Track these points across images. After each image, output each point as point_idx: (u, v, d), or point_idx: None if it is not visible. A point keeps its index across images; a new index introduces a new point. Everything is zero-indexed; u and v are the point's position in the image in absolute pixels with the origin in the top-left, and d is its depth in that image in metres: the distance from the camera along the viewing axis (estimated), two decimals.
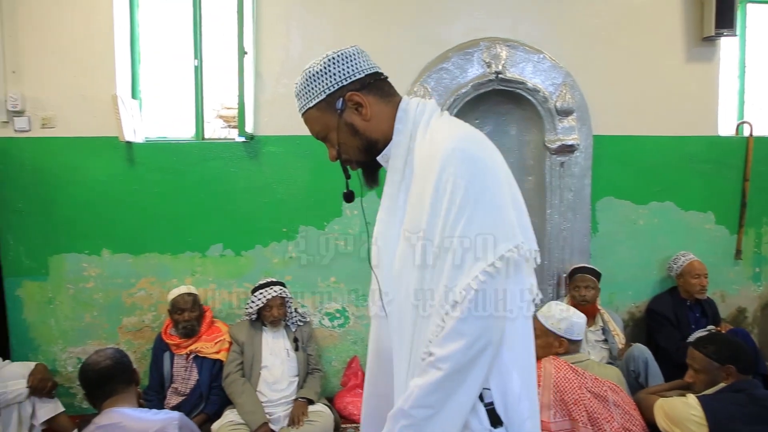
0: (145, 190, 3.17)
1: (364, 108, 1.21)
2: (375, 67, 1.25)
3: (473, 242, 1.07)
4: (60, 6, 3.13)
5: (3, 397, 2.67)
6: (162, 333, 2.98)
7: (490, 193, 1.08)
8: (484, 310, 1.05)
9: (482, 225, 1.07)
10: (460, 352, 1.04)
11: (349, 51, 1.23)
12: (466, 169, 1.08)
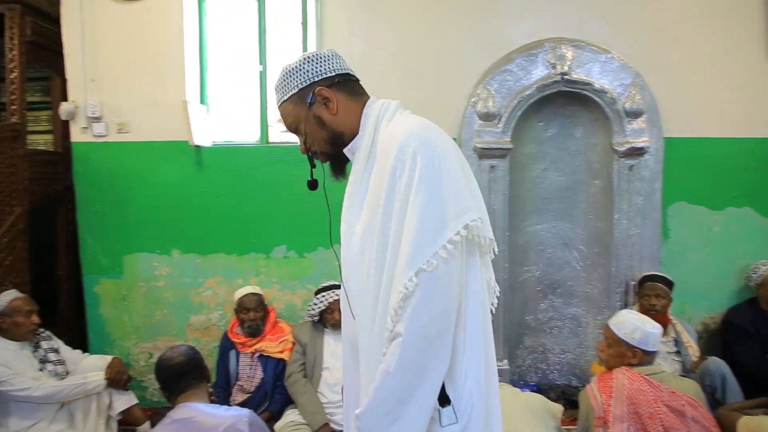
0: (212, 192, 3.28)
1: (332, 102, 1.30)
2: (347, 69, 1.34)
3: (430, 217, 1.10)
4: (135, 19, 3.28)
5: (83, 387, 2.82)
6: (228, 331, 3.07)
7: (446, 173, 1.13)
8: (441, 287, 1.09)
9: (441, 197, 1.11)
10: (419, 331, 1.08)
11: (325, 53, 1.33)
12: (423, 150, 1.14)
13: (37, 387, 2.74)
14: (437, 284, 1.09)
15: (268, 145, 3.39)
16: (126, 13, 3.27)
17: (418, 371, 1.10)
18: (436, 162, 1.13)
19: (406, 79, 3.25)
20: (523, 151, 3.38)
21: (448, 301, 1.10)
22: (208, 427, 1.94)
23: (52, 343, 3.02)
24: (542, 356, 3.52)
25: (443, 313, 1.10)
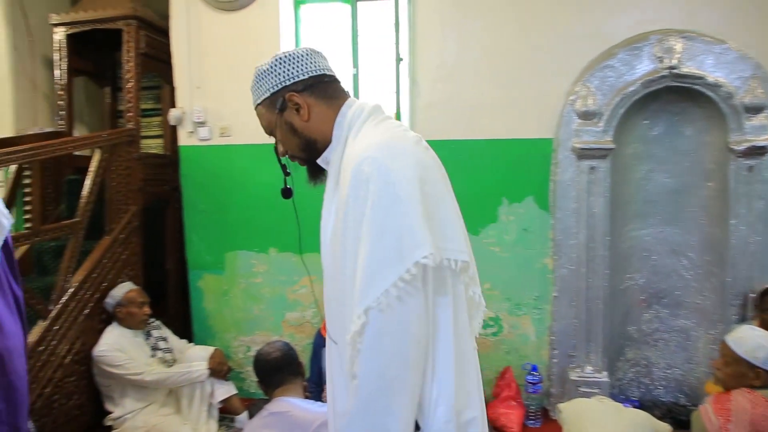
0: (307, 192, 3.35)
1: (303, 109, 1.25)
2: (323, 69, 1.28)
3: (381, 252, 1.04)
4: (236, 28, 3.43)
5: (188, 375, 3.00)
6: (321, 329, 3.14)
7: (401, 203, 1.05)
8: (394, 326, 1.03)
9: (393, 231, 1.04)
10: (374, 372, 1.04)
11: (299, 52, 1.27)
12: (377, 177, 1.06)
13: (148, 372, 2.94)
14: (389, 323, 1.03)
15: None
16: (228, 23, 3.44)
17: (381, 412, 1.05)
18: (390, 189, 1.06)
19: (500, 79, 3.17)
20: (625, 152, 3.19)
21: (402, 341, 1.04)
22: (303, 422, 1.99)
23: (161, 333, 3.24)
24: (645, 370, 3.30)
25: (398, 353, 1.04)
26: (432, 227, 1.08)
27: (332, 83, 1.30)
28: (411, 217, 1.05)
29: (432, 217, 1.10)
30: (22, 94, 3.86)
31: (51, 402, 2.84)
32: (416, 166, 1.11)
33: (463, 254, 1.14)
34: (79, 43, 3.81)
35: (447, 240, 1.12)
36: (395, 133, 1.19)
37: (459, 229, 1.16)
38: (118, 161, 3.34)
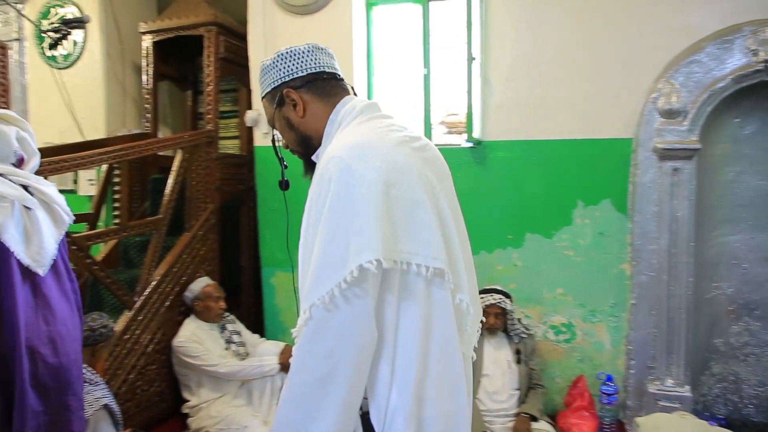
0: None
1: (298, 105, 1.28)
2: (323, 66, 1.29)
3: (330, 252, 1.05)
4: (309, 32, 3.48)
5: (260, 369, 3.08)
6: None
7: (358, 205, 1.05)
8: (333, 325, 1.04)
9: (346, 232, 1.04)
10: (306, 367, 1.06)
11: (300, 49, 1.29)
12: (338, 177, 1.07)
13: (223, 364, 3.05)
14: (330, 321, 1.04)
15: None
16: (301, 26, 3.51)
17: (310, 407, 1.06)
18: (349, 191, 1.05)
19: (577, 76, 3.06)
20: (713, 152, 2.99)
21: (342, 341, 1.04)
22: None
23: (235, 327, 3.35)
24: (734, 386, 3.07)
25: (335, 352, 1.04)
26: (397, 231, 1.08)
27: (331, 80, 1.31)
28: (364, 219, 1.04)
29: (400, 220, 1.09)
30: (113, 98, 4.13)
31: (134, 387, 3.01)
32: (384, 169, 1.09)
33: (436, 261, 1.10)
34: (164, 49, 4.02)
35: (418, 245, 1.10)
36: (377, 133, 1.19)
37: (437, 235, 1.12)
38: (198, 161, 3.49)
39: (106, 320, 2.53)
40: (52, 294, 1.74)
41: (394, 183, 1.09)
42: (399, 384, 1.11)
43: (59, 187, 4.00)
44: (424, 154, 1.23)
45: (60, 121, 4.04)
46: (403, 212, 1.09)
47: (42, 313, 1.70)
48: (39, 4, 4.22)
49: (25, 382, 1.61)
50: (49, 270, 1.72)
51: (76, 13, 4.05)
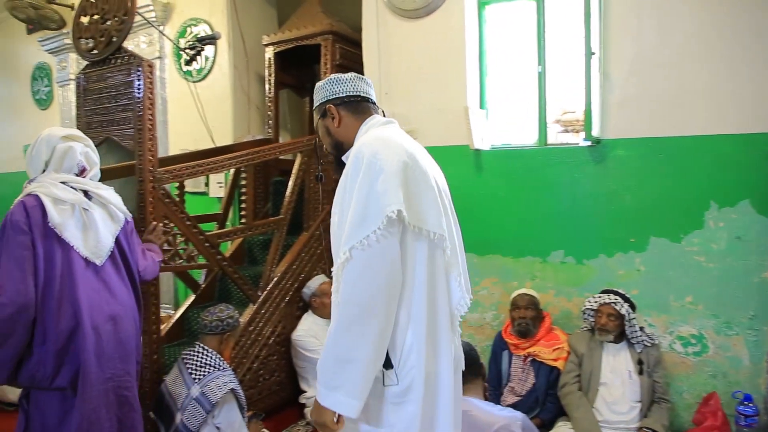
0: (491, 194, 3.35)
1: (336, 118, 1.66)
2: (358, 91, 1.66)
3: (365, 207, 1.36)
4: (421, 35, 3.53)
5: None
6: (502, 331, 3.10)
7: (383, 175, 1.37)
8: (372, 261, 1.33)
9: (375, 193, 1.36)
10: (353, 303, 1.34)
11: (344, 77, 1.68)
12: (369, 157, 1.41)
13: None
14: (368, 259, 1.33)
15: (547, 147, 3.30)
16: (414, 30, 3.56)
17: (356, 334, 1.33)
18: (377, 165, 1.39)
19: (708, 68, 2.80)
20: None
21: (378, 272, 1.34)
22: (483, 423, 1.98)
23: None
24: None
25: (374, 282, 1.33)
26: (412, 202, 1.41)
27: (363, 102, 1.68)
28: (388, 184, 1.37)
29: (414, 195, 1.42)
30: (239, 107, 4.44)
31: (257, 376, 3.23)
32: (404, 154, 1.45)
33: (440, 229, 1.46)
34: (284, 59, 4.27)
35: (427, 216, 1.45)
36: (396, 133, 1.58)
37: (441, 214, 1.47)
38: (315, 164, 3.66)
39: (232, 311, 2.74)
40: (111, 280, 2.08)
41: (410, 165, 1.45)
42: (414, 326, 1.43)
43: (193, 189, 4.40)
44: (427, 159, 1.59)
45: (194, 129, 4.42)
46: (416, 189, 1.44)
47: (103, 296, 2.04)
48: (177, 24, 4.65)
49: (89, 353, 1.95)
50: (107, 260, 2.07)
51: (208, 30, 4.42)
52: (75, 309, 1.94)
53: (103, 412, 1.99)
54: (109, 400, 2.03)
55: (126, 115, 2.66)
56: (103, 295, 2.04)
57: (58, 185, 2.00)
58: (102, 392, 2.00)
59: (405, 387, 1.42)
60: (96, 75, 2.79)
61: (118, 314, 2.06)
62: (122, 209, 2.17)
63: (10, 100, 6.57)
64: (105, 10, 2.70)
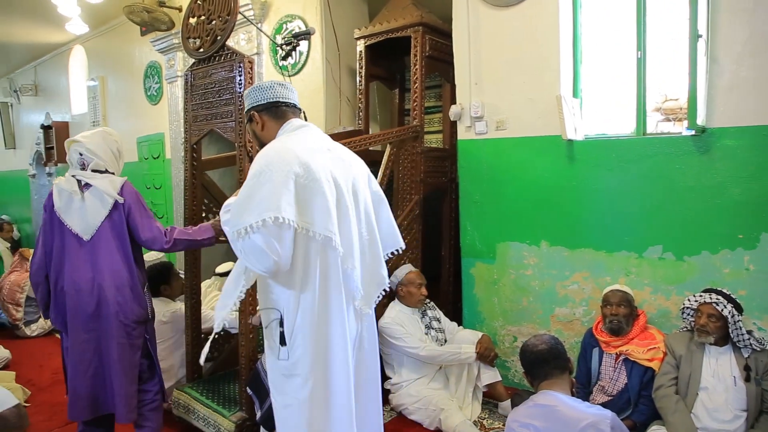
0: (583, 186, 3.24)
1: (259, 123, 1.92)
2: (278, 97, 1.90)
3: (246, 204, 1.64)
4: (512, 23, 3.45)
5: (457, 356, 3.18)
6: (593, 328, 3.01)
7: (266, 182, 1.63)
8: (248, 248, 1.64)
9: (252, 195, 1.64)
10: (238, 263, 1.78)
11: (265, 84, 1.92)
12: (258, 164, 1.68)
13: (423, 348, 3.22)
14: (245, 245, 1.63)
15: (645, 136, 3.13)
16: (505, 19, 3.49)
17: (236, 282, 1.76)
18: (264, 172, 1.65)
19: None
20: None
21: (251, 255, 1.64)
22: (570, 418, 1.95)
23: (435, 313, 3.50)
24: None
25: (249, 260, 1.66)
26: (301, 208, 1.67)
27: (282, 107, 1.91)
28: (270, 192, 1.63)
29: (303, 201, 1.67)
30: (331, 99, 4.58)
31: None
32: (296, 165, 1.68)
33: (326, 231, 1.69)
34: (375, 52, 4.34)
35: (315, 219, 1.69)
36: (299, 141, 1.79)
37: (332, 215, 1.71)
38: (404, 155, 3.71)
39: None
40: (99, 252, 2.53)
41: (300, 175, 1.67)
42: (303, 310, 1.74)
43: None
44: (335, 159, 1.83)
45: None
46: (304, 196, 1.67)
47: (87, 266, 2.52)
48: (273, 21, 4.86)
49: (69, 308, 2.54)
50: (95, 235, 2.52)
51: (302, 26, 4.58)
52: (63, 274, 2.54)
53: (88, 354, 2.56)
54: (91, 346, 2.56)
55: (228, 109, 2.83)
56: (87, 266, 2.52)
57: (68, 177, 2.58)
58: (85, 340, 2.55)
59: (293, 362, 1.74)
60: (201, 72, 2.99)
61: (99, 282, 2.52)
62: (110, 194, 2.53)
63: (126, 96, 7.17)
64: (210, 11, 2.89)
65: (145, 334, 2.68)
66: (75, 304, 2.53)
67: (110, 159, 2.67)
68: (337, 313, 1.76)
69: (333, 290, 1.76)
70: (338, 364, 1.77)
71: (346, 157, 1.91)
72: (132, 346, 2.61)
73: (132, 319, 2.58)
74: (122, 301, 2.55)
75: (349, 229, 1.77)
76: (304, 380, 1.74)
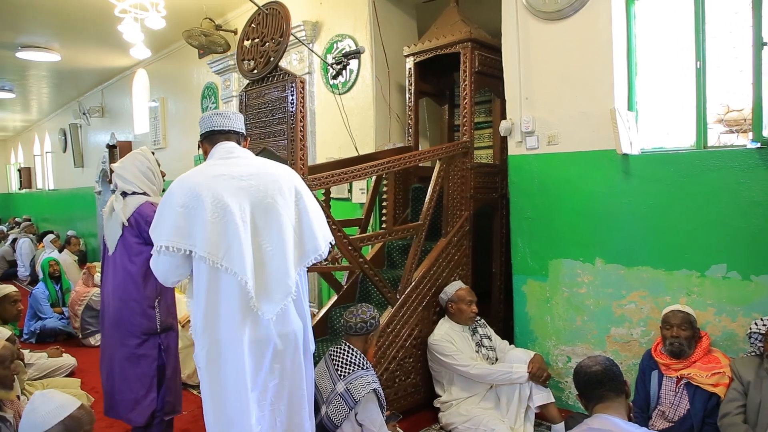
0: (640, 202, 3.13)
1: (203, 150, 2.27)
2: (214, 125, 2.22)
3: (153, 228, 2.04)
4: (563, 36, 3.40)
5: (508, 375, 3.12)
6: (652, 350, 2.88)
7: (166, 210, 2.00)
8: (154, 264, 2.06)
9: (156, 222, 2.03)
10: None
11: (206, 116, 2.26)
12: (167, 193, 2.04)
13: (473, 366, 3.17)
14: (154, 262, 2.04)
15: (707, 150, 3.00)
16: (555, 32, 3.44)
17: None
18: (164, 204, 2.02)
19: None
20: None
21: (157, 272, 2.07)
22: None
23: (486, 331, 3.45)
24: None
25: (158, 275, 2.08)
26: (184, 232, 1.96)
27: (217, 134, 2.22)
28: (162, 220, 2.01)
29: (187, 225, 1.96)
30: (380, 116, 4.63)
31: (394, 377, 3.33)
32: (185, 195, 1.98)
33: (203, 251, 1.95)
34: (424, 68, 4.36)
35: (196, 240, 1.96)
36: (204, 170, 2.08)
37: (213, 235, 1.95)
38: (454, 171, 3.70)
39: (374, 311, 2.87)
40: (115, 265, 2.76)
41: (186, 204, 1.96)
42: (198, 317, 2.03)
43: (338, 195, 4.67)
44: (241, 186, 2.04)
45: (338, 138, 4.69)
46: (189, 221, 1.96)
47: (109, 276, 2.79)
48: (324, 41, 4.97)
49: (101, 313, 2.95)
50: (115, 250, 2.76)
51: (352, 45, 4.66)
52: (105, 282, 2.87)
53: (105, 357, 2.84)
54: (107, 351, 2.82)
55: (281, 128, 2.91)
56: (109, 277, 2.79)
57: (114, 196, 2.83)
58: (105, 344, 2.84)
59: (200, 357, 2.03)
60: (255, 92, 3.09)
61: (113, 293, 2.75)
62: (122, 215, 2.72)
63: (184, 116, 7.48)
64: (264, 34, 2.99)
65: (159, 345, 2.77)
66: (102, 310, 2.86)
67: (139, 180, 2.81)
68: (228, 319, 2.00)
69: (224, 299, 1.99)
70: (230, 362, 2.00)
71: (260, 181, 2.08)
72: (140, 357, 2.72)
73: (140, 331, 2.72)
74: (128, 313, 2.71)
75: (240, 245, 1.96)
76: (206, 371, 2.04)
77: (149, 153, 2.93)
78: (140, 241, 2.70)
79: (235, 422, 2.02)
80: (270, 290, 2.05)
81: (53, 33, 6.89)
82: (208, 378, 2.05)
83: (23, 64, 8.26)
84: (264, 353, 2.06)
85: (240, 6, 5.99)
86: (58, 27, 6.63)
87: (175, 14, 5.51)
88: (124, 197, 2.77)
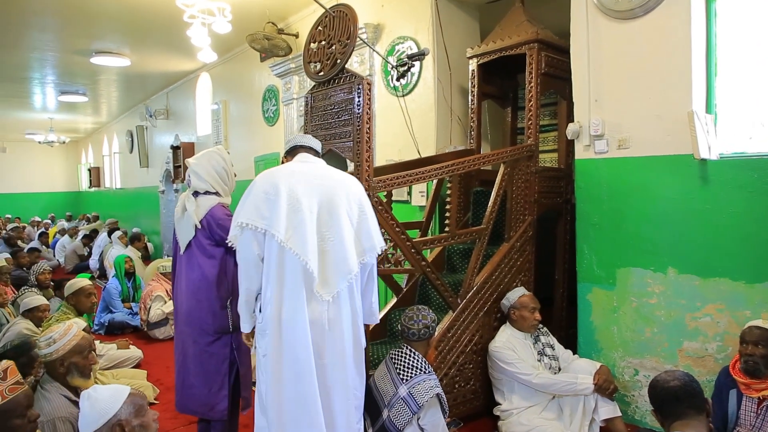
0: (718, 209, 2.97)
1: (284, 161, 2.59)
2: (295, 143, 2.58)
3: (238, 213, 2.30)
4: (636, 36, 3.27)
5: (573, 386, 3.02)
6: (730, 367, 2.72)
7: (251, 197, 2.29)
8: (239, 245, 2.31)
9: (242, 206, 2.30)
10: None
11: (291, 138, 2.74)
12: (253, 183, 2.34)
13: (536, 375, 3.09)
14: (239, 243, 2.29)
15: None
16: (628, 32, 3.31)
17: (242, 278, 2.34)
18: (250, 190, 2.31)
19: None
20: None
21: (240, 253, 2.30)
22: None
23: (548, 339, 3.36)
24: None
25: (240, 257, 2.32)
26: (263, 213, 2.23)
27: (298, 149, 2.54)
28: (251, 203, 2.26)
29: (266, 209, 2.23)
30: (442, 118, 4.60)
31: (453, 382, 3.29)
32: (267, 184, 2.28)
33: (272, 228, 2.20)
34: (487, 70, 4.31)
35: (269, 221, 2.21)
36: (283, 168, 2.39)
37: (283, 219, 2.22)
38: (518, 175, 3.62)
39: (431, 313, 2.85)
40: (187, 264, 2.80)
41: (267, 191, 2.25)
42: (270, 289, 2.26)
43: (397, 198, 4.67)
44: (313, 184, 2.32)
45: (399, 140, 4.69)
46: (268, 206, 2.23)
47: (181, 275, 2.84)
48: (386, 43, 4.98)
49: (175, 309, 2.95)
50: (186, 250, 2.80)
51: (414, 47, 4.65)
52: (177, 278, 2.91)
53: (178, 353, 2.87)
54: (180, 346, 2.86)
55: (346, 129, 2.93)
56: (182, 275, 2.84)
57: (186, 194, 2.85)
58: (179, 339, 2.88)
59: (264, 325, 2.26)
60: (321, 94, 3.12)
61: (186, 291, 2.80)
62: (194, 219, 2.74)
63: (245, 118, 7.67)
64: (331, 36, 3.01)
65: (231, 343, 2.78)
66: (176, 306, 2.89)
67: (213, 180, 2.81)
68: (292, 293, 2.24)
69: (288, 276, 2.23)
70: (289, 331, 2.23)
71: (330, 183, 2.37)
72: (211, 354, 2.75)
73: (212, 329, 2.74)
74: (200, 312, 2.74)
75: (304, 232, 2.23)
76: (270, 338, 2.25)
77: (225, 152, 2.92)
78: (212, 242, 2.72)
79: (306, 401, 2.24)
80: (329, 275, 2.29)
81: (124, 39, 7.21)
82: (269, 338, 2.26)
83: (95, 69, 8.69)
84: (316, 332, 2.28)
85: (301, 9, 6.09)
86: (129, 33, 6.93)
87: (238, 19, 5.66)
88: (195, 197, 2.77)
